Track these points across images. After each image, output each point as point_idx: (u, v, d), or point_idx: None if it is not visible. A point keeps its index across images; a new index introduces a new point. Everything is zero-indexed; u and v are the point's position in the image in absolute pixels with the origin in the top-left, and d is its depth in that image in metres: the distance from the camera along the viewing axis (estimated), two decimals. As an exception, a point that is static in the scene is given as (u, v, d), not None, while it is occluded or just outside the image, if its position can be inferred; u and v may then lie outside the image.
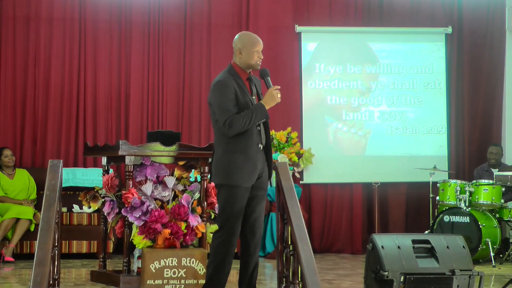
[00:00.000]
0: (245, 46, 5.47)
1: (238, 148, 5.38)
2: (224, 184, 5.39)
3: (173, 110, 10.02)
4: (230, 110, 5.32)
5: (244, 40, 5.51)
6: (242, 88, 5.44)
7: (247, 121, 5.31)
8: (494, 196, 9.07)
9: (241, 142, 5.39)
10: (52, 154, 9.60)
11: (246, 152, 5.39)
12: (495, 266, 8.57)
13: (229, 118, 5.30)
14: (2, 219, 8.58)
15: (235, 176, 5.35)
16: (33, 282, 4.27)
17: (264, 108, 5.42)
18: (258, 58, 5.50)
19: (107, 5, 9.92)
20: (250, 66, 5.51)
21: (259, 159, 5.46)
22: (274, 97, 5.49)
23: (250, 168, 5.39)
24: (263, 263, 9.02)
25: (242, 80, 5.49)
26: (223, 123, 5.32)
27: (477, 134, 10.67)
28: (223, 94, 5.36)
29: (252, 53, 5.46)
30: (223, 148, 5.42)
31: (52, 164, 5.63)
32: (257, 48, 5.49)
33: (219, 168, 5.43)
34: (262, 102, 5.44)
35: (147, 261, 6.20)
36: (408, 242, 5.60)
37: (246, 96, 5.44)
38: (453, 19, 10.70)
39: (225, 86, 5.36)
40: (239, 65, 5.51)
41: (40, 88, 9.75)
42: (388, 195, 10.42)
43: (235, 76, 5.46)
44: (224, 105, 5.33)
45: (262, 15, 10.29)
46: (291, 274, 5.55)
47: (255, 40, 5.50)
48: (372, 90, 10.51)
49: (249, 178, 5.39)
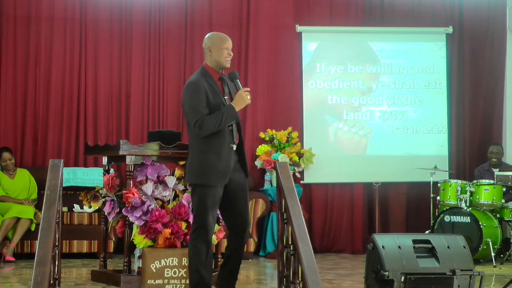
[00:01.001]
0: (214, 44, 5.57)
1: (211, 148, 5.45)
2: (198, 184, 5.47)
3: (173, 110, 10.02)
4: (200, 112, 5.38)
5: (213, 38, 5.63)
6: (213, 89, 5.50)
7: (217, 123, 5.37)
8: (494, 196, 9.07)
9: (214, 142, 5.45)
10: (53, 153, 9.59)
11: (219, 152, 5.45)
12: (496, 266, 8.57)
13: (199, 119, 5.37)
14: (3, 219, 8.58)
15: (209, 176, 5.42)
16: (34, 281, 4.27)
17: (234, 110, 5.46)
18: (228, 55, 5.57)
19: (108, 4, 9.92)
20: (220, 64, 5.56)
21: (231, 159, 5.53)
22: (243, 98, 5.51)
23: (224, 168, 5.45)
24: (264, 263, 9.03)
25: (214, 81, 5.55)
26: (194, 124, 5.39)
27: (478, 134, 10.67)
28: (193, 95, 5.43)
29: (221, 49, 5.55)
30: (197, 149, 5.50)
31: (53, 164, 5.62)
32: (225, 45, 5.58)
33: (193, 168, 5.51)
34: (232, 103, 5.48)
35: (147, 260, 6.20)
36: (409, 242, 5.60)
37: (217, 97, 5.50)
38: (454, 19, 10.70)
39: (196, 88, 5.44)
40: (210, 65, 5.59)
41: (41, 88, 9.75)
42: (388, 195, 10.42)
43: (207, 77, 5.52)
44: (195, 107, 5.40)
45: (263, 14, 10.29)
46: (291, 274, 5.55)
47: (223, 37, 5.62)
48: (372, 90, 10.51)
49: (223, 178, 5.46)
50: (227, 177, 5.49)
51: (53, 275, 5.10)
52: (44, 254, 4.52)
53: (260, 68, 10.25)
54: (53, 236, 4.81)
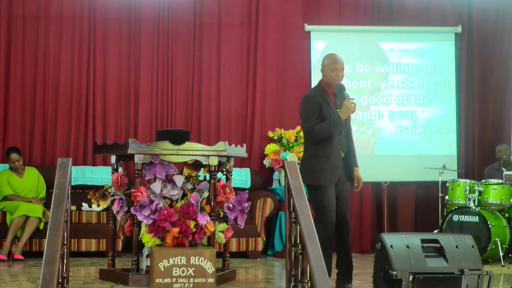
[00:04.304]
0: (326, 64, 6.40)
1: (321, 153, 6.26)
2: (311, 185, 6.27)
3: (182, 109, 10.03)
4: (311, 121, 6.21)
5: (326, 58, 6.45)
6: (327, 102, 6.27)
7: (325, 130, 6.16)
8: (503, 195, 9.05)
9: (324, 148, 6.25)
10: (62, 152, 9.62)
11: (328, 157, 6.24)
12: (504, 265, 8.55)
13: (310, 127, 6.22)
14: (12, 218, 8.60)
15: (319, 177, 6.23)
16: (42, 280, 4.28)
17: (340, 118, 6.16)
18: (336, 76, 6.32)
19: (117, 3, 9.94)
20: (329, 83, 6.36)
21: (339, 164, 6.29)
22: (348, 107, 6.15)
23: (331, 171, 6.24)
24: (272, 262, 9.03)
25: (328, 95, 6.34)
26: (306, 131, 6.30)
27: (487, 133, 10.65)
28: (307, 107, 6.29)
29: (330, 70, 6.34)
30: (310, 153, 6.36)
31: (62, 163, 5.63)
32: (334, 66, 6.34)
33: (305, 169, 6.29)
34: (340, 113, 6.18)
35: (156, 259, 6.21)
36: (417, 241, 5.60)
37: (330, 109, 6.24)
38: (462, 19, 10.69)
39: (310, 100, 6.31)
40: (325, 81, 6.42)
41: (50, 87, 9.77)
42: (397, 194, 10.41)
43: (322, 92, 6.34)
44: (307, 117, 6.26)
45: (271, 14, 10.29)
46: (299, 273, 5.54)
47: (334, 60, 6.38)
48: (381, 89, 10.50)
49: (330, 178, 6.24)
50: (334, 178, 6.25)
51: (61, 274, 5.11)
52: (53, 252, 4.53)
53: (268, 67, 10.26)
54: (62, 235, 4.82)
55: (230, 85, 10.18)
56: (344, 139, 6.34)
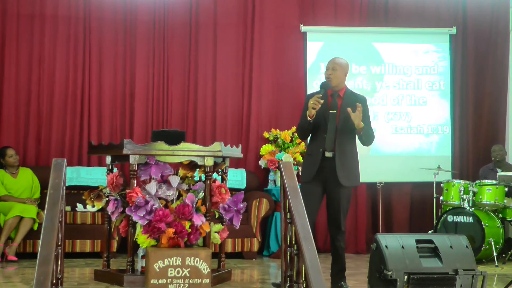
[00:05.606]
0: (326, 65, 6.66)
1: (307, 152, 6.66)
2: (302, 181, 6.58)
3: (178, 109, 10.03)
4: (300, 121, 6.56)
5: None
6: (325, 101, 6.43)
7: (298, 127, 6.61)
8: (497, 196, 9.07)
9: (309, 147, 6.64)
10: (56, 152, 9.60)
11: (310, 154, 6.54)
12: (498, 265, 8.57)
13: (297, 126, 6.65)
14: (6, 219, 8.58)
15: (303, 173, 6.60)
16: (37, 281, 4.27)
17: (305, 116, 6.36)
18: (326, 75, 6.60)
19: (112, 3, 9.92)
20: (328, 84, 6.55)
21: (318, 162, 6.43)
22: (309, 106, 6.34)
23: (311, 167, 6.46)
24: (268, 262, 9.03)
25: (327, 95, 6.55)
26: None
27: (481, 134, 10.67)
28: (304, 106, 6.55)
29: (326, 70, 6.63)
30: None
31: (56, 163, 5.62)
32: (326, 66, 6.64)
33: None
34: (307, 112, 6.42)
35: (151, 260, 6.21)
36: (412, 241, 5.61)
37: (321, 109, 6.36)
38: (457, 20, 10.70)
39: (305, 100, 6.54)
40: None
41: (44, 87, 9.75)
42: (392, 195, 10.42)
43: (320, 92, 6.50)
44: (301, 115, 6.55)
45: (267, 14, 10.30)
46: (295, 274, 5.55)
47: (328, 61, 6.66)
48: (376, 90, 10.51)
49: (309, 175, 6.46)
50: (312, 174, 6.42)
51: (56, 275, 5.10)
52: (47, 253, 4.52)
53: (264, 68, 10.25)
54: (56, 236, 4.81)
55: (226, 86, 10.17)
56: (330, 138, 6.44)
